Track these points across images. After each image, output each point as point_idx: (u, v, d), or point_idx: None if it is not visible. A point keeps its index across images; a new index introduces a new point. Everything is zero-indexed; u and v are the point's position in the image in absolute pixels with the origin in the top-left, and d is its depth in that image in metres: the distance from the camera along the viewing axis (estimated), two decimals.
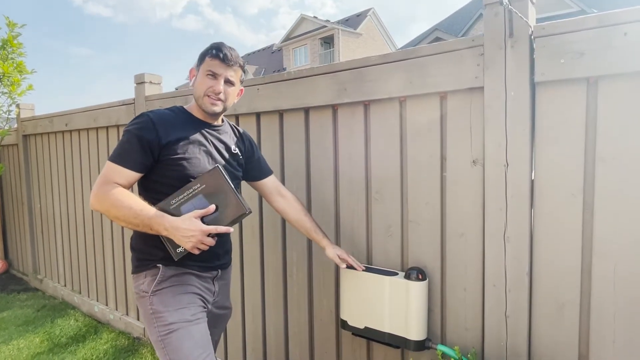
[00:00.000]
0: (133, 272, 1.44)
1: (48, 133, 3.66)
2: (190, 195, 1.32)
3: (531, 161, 1.32)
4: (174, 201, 1.32)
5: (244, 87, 2.12)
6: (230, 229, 1.32)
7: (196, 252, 1.29)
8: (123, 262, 2.97)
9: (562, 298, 1.30)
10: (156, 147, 1.34)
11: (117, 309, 3.09)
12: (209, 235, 1.28)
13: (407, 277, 1.52)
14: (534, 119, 1.32)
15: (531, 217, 1.33)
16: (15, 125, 4.14)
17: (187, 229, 1.24)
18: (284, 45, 30.59)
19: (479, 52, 1.38)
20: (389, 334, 1.56)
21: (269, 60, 32.48)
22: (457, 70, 1.42)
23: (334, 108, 1.80)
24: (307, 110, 1.89)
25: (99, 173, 3.06)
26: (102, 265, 3.18)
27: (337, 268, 1.82)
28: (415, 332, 1.51)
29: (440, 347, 1.48)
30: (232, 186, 1.32)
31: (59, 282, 3.73)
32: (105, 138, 3.02)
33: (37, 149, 3.86)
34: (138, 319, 2.90)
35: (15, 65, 3.76)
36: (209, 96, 1.42)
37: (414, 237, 1.60)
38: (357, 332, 1.66)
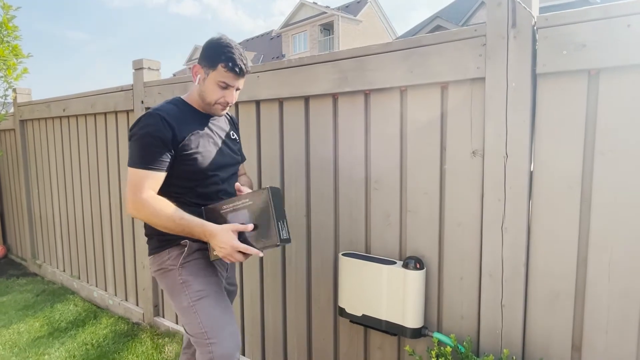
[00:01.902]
0: (153, 253, 1.48)
1: (45, 118, 3.63)
2: (238, 207, 1.38)
3: (530, 153, 1.32)
4: (225, 207, 1.40)
5: None
6: (260, 253, 1.32)
7: (226, 261, 1.34)
8: (122, 248, 2.98)
9: (558, 288, 1.32)
10: (174, 145, 1.37)
11: (116, 295, 3.11)
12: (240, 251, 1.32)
13: (405, 266, 1.54)
14: (535, 110, 1.32)
15: (529, 208, 1.34)
16: (12, 110, 4.10)
17: (222, 241, 1.30)
18: (283, 32, 30.24)
19: (481, 42, 1.37)
20: (386, 321, 1.59)
21: (268, 47, 32.15)
22: (458, 60, 1.42)
23: (335, 97, 1.79)
24: (307, 99, 1.88)
25: (97, 159, 3.08)
26: (101, 251, 3.19)
27: (336, 256, 1.84)
28: (412, 320, 1.53)
29: (437, 335, 1.51)
30: (274, 212, 1.32)
31: (57, 267, 3.75)
32: (104, 124, 3.00)
33: (34, 134, 3.84)
34: (137, 305, 2.92)
35: (10, 48, 3.71)
36: (220, 104, 1.45)
37: (412, 227, 1.61)
38: (354, 320, 1.69)
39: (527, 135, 1.31)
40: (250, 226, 1.34)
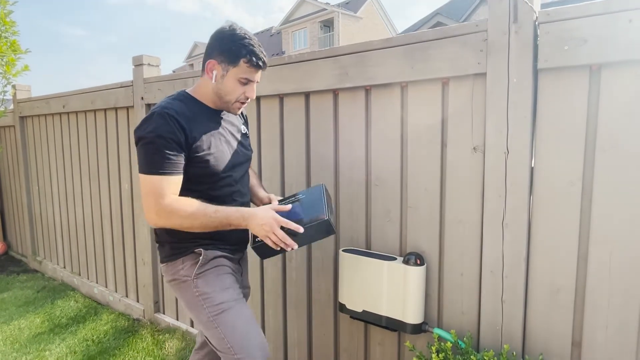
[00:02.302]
0: (166, 261, 1.41)
1: (45, 115, 3.62)
2: (290, 201, 1.43)
3: (531, 149, 1.32)
4: (280, 199, 1.51)
5: None
6: (301, 229, 1.27)
7: (269, 242, 1.27)
8: (122, 244, 2.98)
9: (558, 284, 1.32)
10: (187, 146, 1.28)
11: (116, 291, 3.12)
12: (288, 234, 1.26)
13: (406, 262, 1.54)
14: (536, 106, 1.31)
15: (530, 204, 1.34)
16: (11, 107, 4.09)
17: (261, 217, 1.25)
18: (283, 28, 30.15)
19: (482, 37, 1.36)
20: (387, 317, 1.59)
21: (268, 44, 32.04)
22: (459, 56, 1.41)
23: (335, 93, 1.79)
24: (307, 95, 1.88)
25: (97, 156, 3.08)
26: (102, 247, 3.19)
27: (336, 252, 1.84)
28: (412, 315, 1.54)
29: (437, 331, 1.51)
30: (326, 202, 1.36)
31: (58, 264, 3.75)
32: (103, 120, 3.00)
33: (34, 130, 3.83)
34: (138, 301, 2.93)
35: (8, 44, 3.69)
36: (240, 102, 1.38)
37: (412, 223, 1.61)
38: (355, 316, 1.69)
39: (528, 131, 1.31)
40: (289, 207, 1.33)
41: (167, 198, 1.24)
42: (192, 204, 1.26)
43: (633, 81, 1.17)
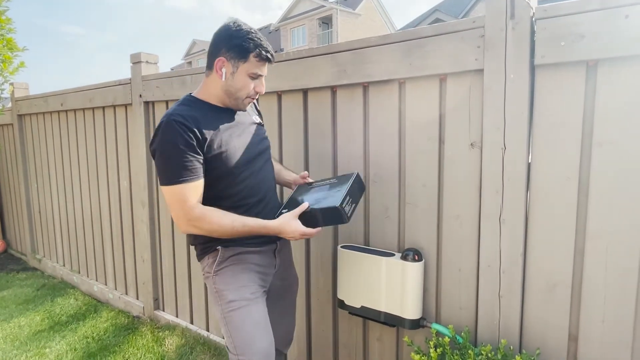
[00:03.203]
0: (199, 259, 1.48)
1: (43, 113, 3.62)
2: (324, 183, 1.53)
3: (528, 144, 1.33)
4: (315, 183, 1.58)
5: None
6: (318, 231, 1.39)
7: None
8: (122, 242, 2.99)
9: (555, 278, 1.33)
10: (200, 148, 1.28)
11: (116, 289, 3.13)
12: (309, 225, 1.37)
13: (404, 258, 1.55)
14: (533, 102, 1.32)
15: (527, 199, 1.34)
16: (9, 105, 4.09)
17: (288, 232, 1.35)
18: (281, 26, 30.06)
19: (479, 33, 1.37)
20: (385, 313, 1.60)
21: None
22: (457, 52, 1.42)
23: (333, 90, 1.79)
24: (305, 92, 1.88)
25: (95, 153, 3.08)
26: (101, 245, 3.20)
27: (335, 248, 1.85)
28: (410, 311, 1.54)
29: (435, 326, 1.52)
30: (349, 188, 1.39)
31: (57, 262, 3.76)
32: (102, 118, 3.00)
33: (32, 128, 3.83)
34: (137, 298, 2.94)
35: (5, 42, 3.68)
36: (250, 97, 1.39)
37: (410, 219, 1.62)
38: (353, 312, 1.70)
39: (525, 126, 1.31)
40: (305, 204, 1.38)
41: (195, 207, 1.26)
42: (220, 215, 1.29)
43: (630, 77, 1.17)
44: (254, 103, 1.59)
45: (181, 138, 1.24)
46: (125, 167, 2.84)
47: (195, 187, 1.27)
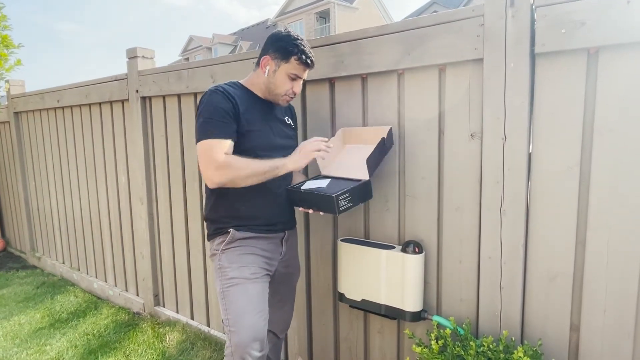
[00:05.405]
0: (209, 239, 1.57)
1: (40, 110, 3.59)
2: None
3: (529, 134, 1.31)
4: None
5: (241, 60, 2.09)
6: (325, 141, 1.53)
7: (316, 154, 1.49)
8: (121, 239, 2.98)
9: (556, 269, 1.32)
10: (236, 117, 1.42)
11: (116, 285, 3.12)
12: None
13: (404, 250, 1.54)
14: (533, 91, 1.30)
15: (527, 190, 1.33)
16: (6, 102, 4.06)
17: (306, 144, 1.50)
18: (278, 20, 29.90)
19: (479, 22, 1.35)
20: (386, 305, 1.59)
21: (264, 36, 31.29)
22: (456, 42, 1.40)
23: (331, 82, 1.77)
24: (304, 84, 1.86)
25: (93, 150, 3.06)
26: (100, 242, 3.19)
27: (335, 242, 1.84)
28: (411, 303, 1.54)
29: (436, 318, 1.51)
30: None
31: (57, 260, 3.75)
32: (99, 114, 2.97)
33: (29, 126, 3.81)
34: (137, 295, 2.93)
35: (0, 39, 3.65)
36: (287, 95, 1.52)
37: (411, 211, 1.61)
38: (354, 305, 1.69)
39: (525, 116, 1.30)
40: (327, 139, 1.53)
41: (221, 156, 1.36)
42: (243, 159, 1.40)
43: (632, 64, 1.16)
44: (291, 109, 1.71)
45: (223, 103, 1.41)
46: (123, 162, 2.83)
47: (226, 145, 1.38)
